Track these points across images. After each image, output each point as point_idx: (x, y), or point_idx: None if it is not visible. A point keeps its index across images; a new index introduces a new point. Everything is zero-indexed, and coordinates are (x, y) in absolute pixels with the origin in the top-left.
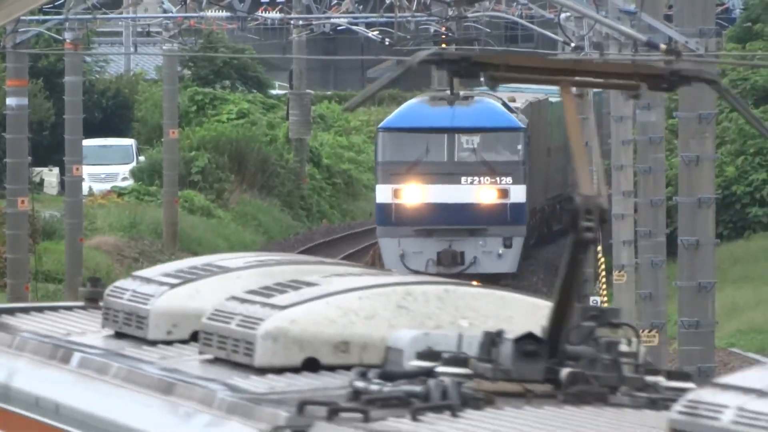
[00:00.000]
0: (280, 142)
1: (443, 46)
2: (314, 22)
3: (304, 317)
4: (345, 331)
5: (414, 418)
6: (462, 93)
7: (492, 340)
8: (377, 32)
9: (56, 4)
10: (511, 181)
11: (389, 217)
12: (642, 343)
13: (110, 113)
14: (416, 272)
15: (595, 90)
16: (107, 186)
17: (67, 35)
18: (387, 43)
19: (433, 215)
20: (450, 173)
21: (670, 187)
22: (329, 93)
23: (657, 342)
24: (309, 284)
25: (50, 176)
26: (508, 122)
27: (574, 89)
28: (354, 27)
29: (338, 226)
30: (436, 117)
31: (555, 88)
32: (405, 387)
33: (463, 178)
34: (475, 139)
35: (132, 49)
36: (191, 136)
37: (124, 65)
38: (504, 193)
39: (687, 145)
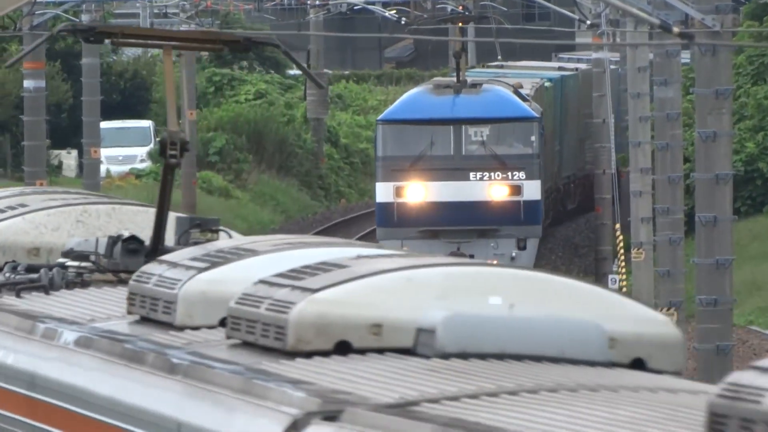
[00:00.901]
0: (298, 122)
1: (460, 24)
2: (331, 2)
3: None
4: (37, 240)
5: (18, 295)
6: (470, 80)
7: (113, 242)
8: (394, 11)
9: None
10: (525, 176)
11: (391, 217)
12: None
13: (128, 95)
14: None
15: (612, 67)
16: (125, 168)
17: (84, 17)
18: (403, 22)
19: (439, 215)
20: (457, 168)
21: (688, 164)
22: (347, 72)
23: (675, 319)
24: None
25: (68, 159)
26: (520, 111)
27: (174, 53)
28: (370, 6)
29: (356, 205)
30: (440, 107)
31: (546, 72)
32: (30, 276)
33: (471, 174)
34: (485, 130)
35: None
36: (209, 117)
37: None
38: (517, 189)
39: (704, 121)
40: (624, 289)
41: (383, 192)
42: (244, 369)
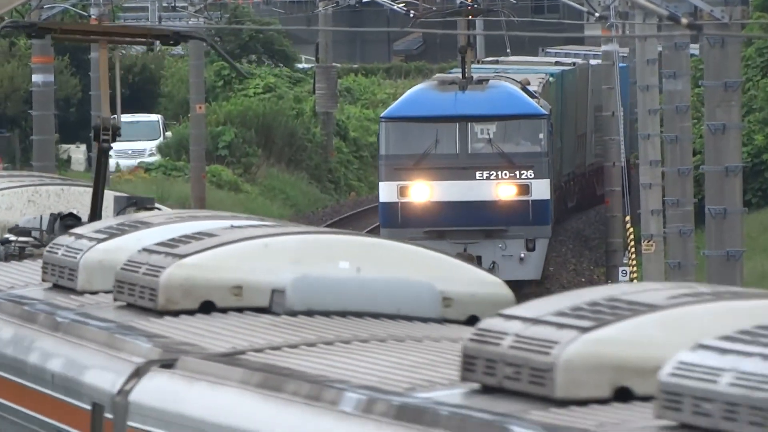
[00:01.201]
0: (307, 116)
1: (469, 18)
2: None
3: None
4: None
5: None
6: (476, 76)
7: (55, 219)
8: (402, 4)
9: None
10: (533, 175)
11: (394, 218)
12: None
13: (136, 89)
14: None
15: (621, 64)
16: (134, 162)
17: (93, 11)
18: (412, 15)
19: (445, 215)
20: (463, 167)
21: (698, 156)
22: (355, 66)
23: None
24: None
25: (77, 153)
26: (528, 108)
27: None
28: None
29: (366, 198)
30: (445, 103)
31: (544, 67)
32: None
33: (477, 173)
34: (491, 128)
35: (158, 23)
36: (218, 110)
37: None
38: (525, 189)
39: (713, 113)
40: (635, 282)
41: (387, 192)
42: (114, 326)
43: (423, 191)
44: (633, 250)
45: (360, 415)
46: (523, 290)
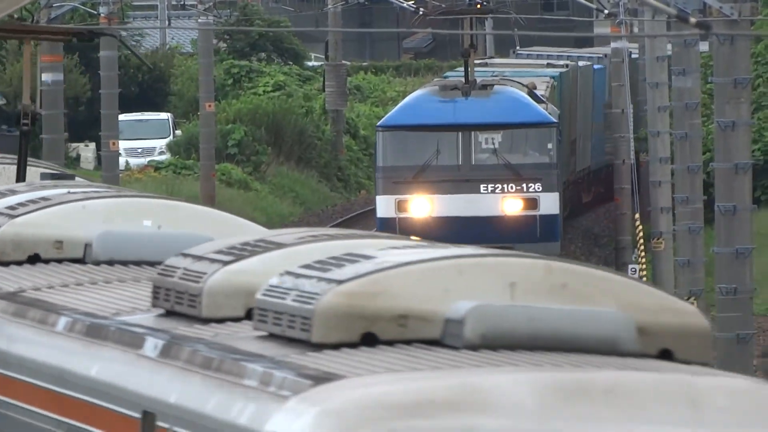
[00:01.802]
0: (317, 114)
1: (478, 16)
2: None
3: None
4: None
5: None
6: (480, 80)
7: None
8: (412, 2)
9: None
10: (542, 188)
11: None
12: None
13: (146, 87)
14: None
15: (633, 55)
16: (144, 160)
17: (102, 9)
18: (421, 12)
19: (446, 232)
20: (466, 180)
21: (707, 153)
22: (365, 64)
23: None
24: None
25: (86, 151)
26: (536, 116)
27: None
28: None
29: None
30: (447, 111)
31: (538, 69)
32: None
33: (482, 186)
34: (496, 137)
35: (167, 23)
36: (228, 109)
37: (160, 39)
38: (533, 203)
39: (723, 110)
40: (644, 279)
41: (384, 206)
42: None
43: (423, 206)
44: (642, 247)
45: (64, 334)
46: None
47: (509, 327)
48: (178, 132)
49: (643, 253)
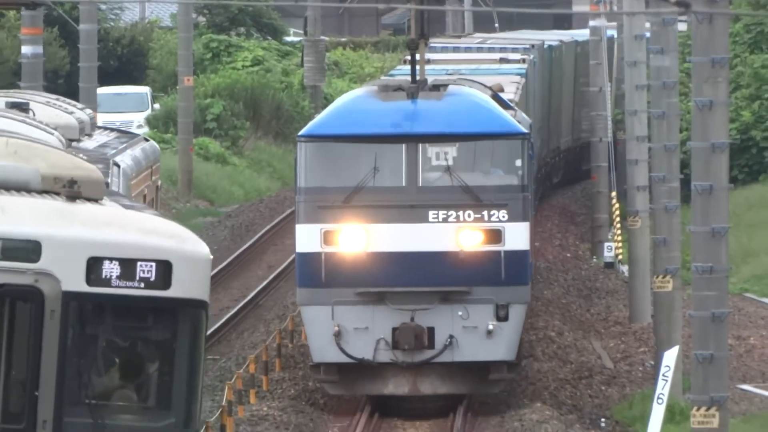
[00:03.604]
0: (295, 89)
1: None
2: None
3: None
4: None
5: None
6: (430, 80)
7: None
8: None
9: None
10: (507, 216)
11: (317, 274)
12: None
13: (125, 61)
14: (359, 361)
15: (609, 34)
16: None
17: None
18: None
19: (386, 272)
20: (411, 206)
21: (685, 132)
22: (344, 39)
23: (671, 287)
24: None
25: None
26: (501, 125)
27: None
28: None
29: None
30: (389, 117)
31: (490, 65)
32: None
33: (431, 213)
34: (451, 151)
35: None
36: (206, 83)
37: (139, 13)
38: (496, 235)
39: (700, 89)
40: (620, 257)
41: (306, 238)
42: None
43: (356, 238)
44: (618, 225)
45: None
46: (490, 376)
47: None
48: (157, 106)
49: (619, 231)
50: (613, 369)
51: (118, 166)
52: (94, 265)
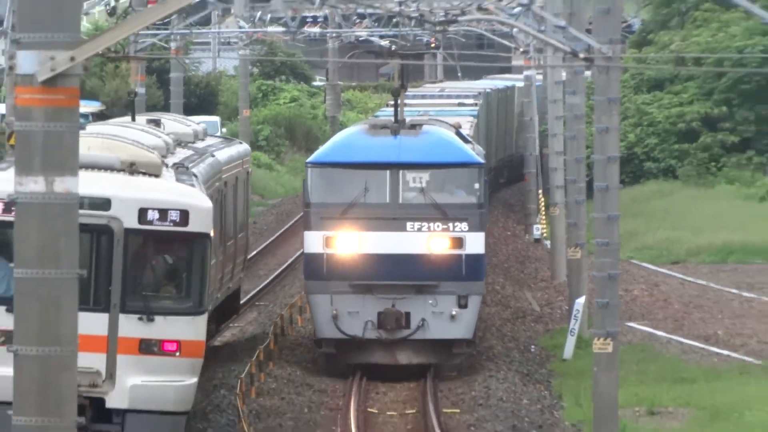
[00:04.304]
0: (320, 119)
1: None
2: (344, 35)
3: None
4: None
5: None
6: (408, 120)
7: None
8: (387, 41)
9: (164, 21)
10: (467, 227)
11: (320, 270)
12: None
13: (202, 99)
14: (352, 337)
15: (538, 83)
16: None
17: (172, 44)
18: (393, 48)
19: (373, 269)
20: (393, 218)
21: (589, 149)
22: (353, 84)
23: (579, 255)
24: None
25: None
26: (462, 156)
27: None
28: (371, 38)
29: None
30: (377, 149)
31: (446, 108)
32: None
33: (408, 224)
34: (424, 176)
35: (217, 54)
36: (258, 114)
37: (212, 65)
38: (458, 242)
39: (600, 119)
40: (545, 235)
41: (312, 242)
42: None
43: (350, 242)
44: (543, 213)
45: None
46: (453, 350)
47: None
48: (224, 130)
49: (543, 217)
50: (539, 311)
51: (214, 156)
52: (143, 212)
